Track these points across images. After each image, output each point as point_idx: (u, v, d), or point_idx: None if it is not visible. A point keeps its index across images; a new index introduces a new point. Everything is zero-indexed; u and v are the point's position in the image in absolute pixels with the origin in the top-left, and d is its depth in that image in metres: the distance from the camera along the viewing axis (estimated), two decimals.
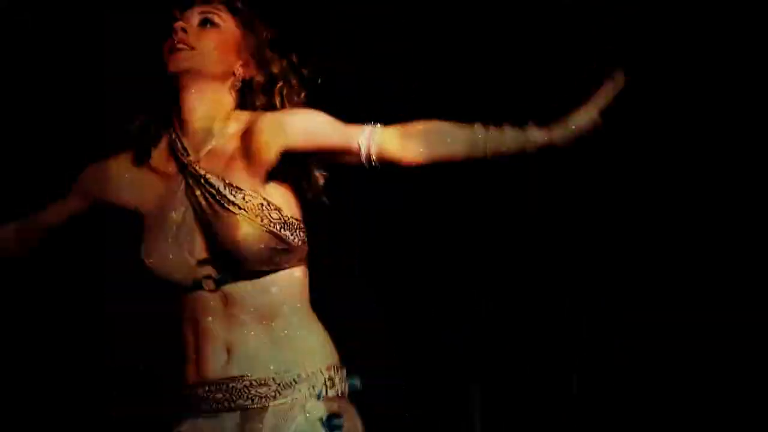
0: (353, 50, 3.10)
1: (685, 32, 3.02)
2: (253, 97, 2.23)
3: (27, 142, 3.17)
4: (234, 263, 2.11)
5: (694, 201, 3.07)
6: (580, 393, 3.23)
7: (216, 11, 2.22)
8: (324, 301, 2.20)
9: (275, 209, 2.11)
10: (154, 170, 2.23)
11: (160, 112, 2.23)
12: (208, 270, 2.13)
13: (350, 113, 2.12)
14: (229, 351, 2.12)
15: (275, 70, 2.24)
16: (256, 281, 2.13)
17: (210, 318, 2.13)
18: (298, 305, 2.16)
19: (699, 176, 3.07)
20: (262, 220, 2.09)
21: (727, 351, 2.98)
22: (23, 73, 3.16)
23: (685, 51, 3.03)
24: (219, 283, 2.12)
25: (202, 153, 2.17)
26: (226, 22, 2.22)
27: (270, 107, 2.23)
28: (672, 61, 3.03)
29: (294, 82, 2.25)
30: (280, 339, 2.12)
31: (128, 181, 2.25)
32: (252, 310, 2.12)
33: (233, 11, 2.24)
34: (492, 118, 2.09)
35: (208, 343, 2.13)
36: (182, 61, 2.16)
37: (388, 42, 3.10)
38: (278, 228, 2.10)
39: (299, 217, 2.17)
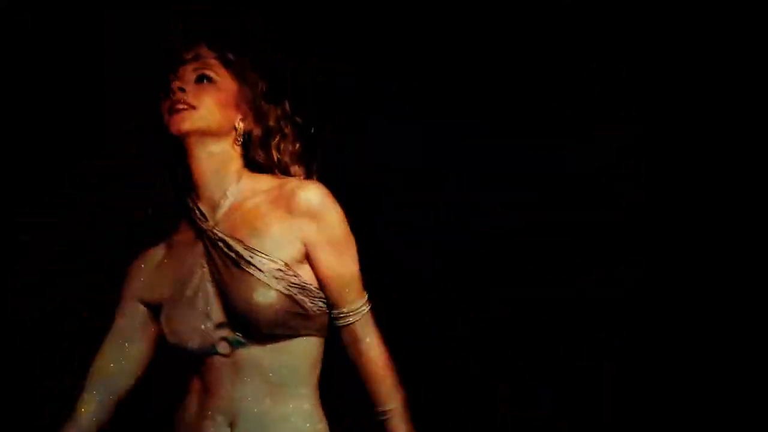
0: (353, 50, 3.10)
1: (686, 32, 3.02)
2: (252, 151, 2.22)
3: (27, 141, 3.17)
4: (250, 326, 2.08)
5: (693, 200, 3.07)
6: None
7: (210, 66, 2.18)
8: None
9: (293, 274, 2.09)
10: (175, 244, 2.22)
11: (177, 182, 2.21)
12: (225, 332, 2.10)
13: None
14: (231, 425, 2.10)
15: (271, 122, 2.22)
16: (271, 346, 2.09)
17: (219, 383, 2.10)
18: (307, 380, 2.14)
19: (698, 175, 3.07)
20: (278, 283, 2.07)
21: (727, 351, 2.98)
22: (23, 72, 3.16)
23: (685, 51, 3.03)
24: (234, 346, 2.10)
25: (219, 215, 2.15)
26: (221, 75, 2.19)
27: (268, 162, 2.23)
28: (672, 61, 3.03)
29: (287, 130, 2.24)
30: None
31: (155, 273, 2.23)
32: (260, 374, 2.10)
33: (227, 64, 2.20)
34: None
35: (211, 409, 2.11)
36: (184, 122, 2.12)
37: (388, 42, 3.10)
38: (295, 292, 2.08)
39: (319, 285, 2.14)
